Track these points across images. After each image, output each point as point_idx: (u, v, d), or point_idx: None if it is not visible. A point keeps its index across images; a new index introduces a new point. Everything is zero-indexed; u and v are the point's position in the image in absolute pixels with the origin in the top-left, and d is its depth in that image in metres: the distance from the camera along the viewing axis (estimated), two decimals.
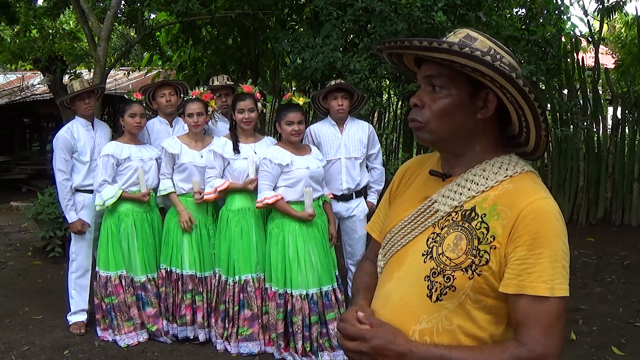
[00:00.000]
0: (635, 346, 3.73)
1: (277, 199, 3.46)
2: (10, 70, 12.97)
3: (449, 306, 1.15)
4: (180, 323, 3.75)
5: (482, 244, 1.13)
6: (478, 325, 1.14)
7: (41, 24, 7.72)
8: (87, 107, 3.97)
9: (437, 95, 1.18)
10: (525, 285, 1.09)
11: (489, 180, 1.18)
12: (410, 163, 1.43)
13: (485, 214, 1.16)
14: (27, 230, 7.13)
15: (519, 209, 1.12)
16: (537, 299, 1.08)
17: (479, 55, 1.07)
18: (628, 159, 7.25)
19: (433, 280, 1.16)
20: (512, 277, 1.10)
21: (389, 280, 1.26)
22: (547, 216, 1.11)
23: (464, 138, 1.21)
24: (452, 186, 1.22)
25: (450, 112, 1.17)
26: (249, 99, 3.64)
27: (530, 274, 1.09)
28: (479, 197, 1.18)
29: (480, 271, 1.12)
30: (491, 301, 1.14)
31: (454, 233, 1.17)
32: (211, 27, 7.40)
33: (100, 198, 3.74)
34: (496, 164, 1.20)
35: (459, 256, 1.14)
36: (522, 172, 1.19)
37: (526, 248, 1.09)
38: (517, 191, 1.15)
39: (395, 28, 4.97)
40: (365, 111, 5.09)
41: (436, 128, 1.18)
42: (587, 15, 8.11)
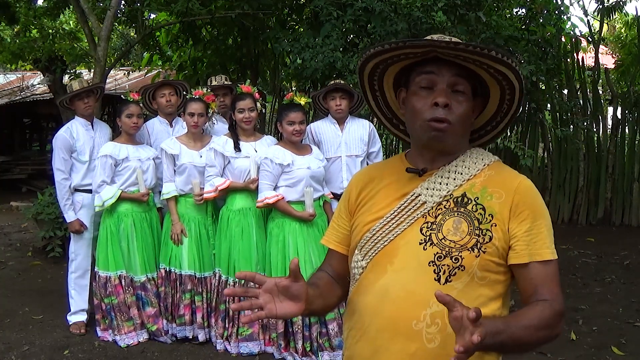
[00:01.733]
0: (635, 346, 3.73)
1: (278, 198, 3.46)
2: (10, 70, 12.97)
3: (458, 286, 1.21)
4: (179, 323, 3.74)
5: (483, 224, 1.24)
6: (483, 302, 1.21)
7: (41, 24, 7.72)
8: (87, 107, 3.97)
9: (461, 98, 1.26)
10: (534, 253, 1.22)
11: (471, 170, 1.30)
12: (364, 173, 1.47)
13: (477, 197, 1.27)
14: (27, 230, 7.13)
15: (512, 188, 1.26)
16: (545, 263, 1.23)
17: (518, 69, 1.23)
18: (628, 159, 7.25)
19: (440, 264, 1.22)
20: (523, 248, 1.22)
21: (382, 276, 1.27)
22: (535, 192, 1.28)
23: (463, 138, 1.33)
24: (435, 179, 1.30)
25: (469, 116, 1.29)
26: (248, 98, 3.64)
27: (536, 242, 1.23)
28: (466, 185, 1.29)
29: (485, 248, 1.22)
30: (493, 276, 1.24)
31: (451, 218, 1.25)
32: (211, 27, 7.39)
33: (100, 199, 3.74)
34: (472, 156, 1.32)
35: (462, 238, 1.23)
36: (494, 160, 1.33)
37: (530, 221, 1.23)
38: (501, 175, 1.30)
39: (395, 28, 4.98)
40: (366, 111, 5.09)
41: (458, 131, 1.27)
42: (587, 15, 8.12)
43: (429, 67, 1.26)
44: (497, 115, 1.35)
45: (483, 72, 1.26)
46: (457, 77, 1.24)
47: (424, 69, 1.26)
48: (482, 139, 1.41)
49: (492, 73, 1.25)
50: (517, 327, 1.15)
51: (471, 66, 1.25)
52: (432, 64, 1.25)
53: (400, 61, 1.31)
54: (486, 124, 1.38)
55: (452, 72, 1.24)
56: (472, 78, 1.27)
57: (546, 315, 1.19)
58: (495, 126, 1.38)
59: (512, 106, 1.31)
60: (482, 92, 1.31)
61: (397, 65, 1.32)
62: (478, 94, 1.31)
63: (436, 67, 1.25)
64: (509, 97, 1.29)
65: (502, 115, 1.35)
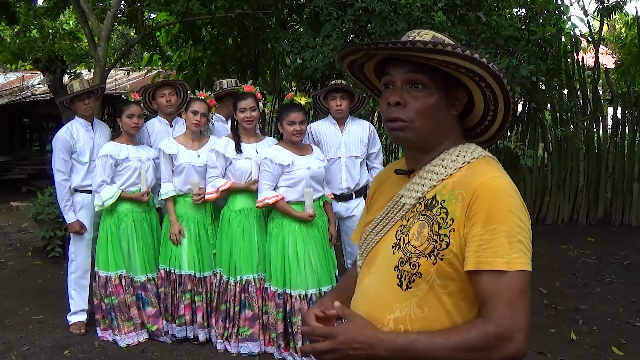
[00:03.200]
0: (635, 346, 3.73)
1: (278, 199, 3.46)
2: (10, 70, 12.97)
3: (419, 293, 1.18)
4: (178, 323, 3.75)
5: (442, 229, 1.17)
6: (448, 312, 1.17)
7: (41, 24, 7.72)
8: (87, 108, 3.97)
9: (419, 93, 1.21)
10: (482, 260, 1.11)
11: (447, 169, 1.23)
12: (382, 172, 1.50)
13: (444, 199, 1.20)
14: (27, 230, 7.13)
15: (472, 190, 1.16)
16: (497, 273, 1.10)
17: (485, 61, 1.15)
18: (628, 159, 7.24)
19: (402, 269, 1.20)
20: (471, 254, 1.13)
21: (366, 276, 1.31)
22: (499, 193, 1.14)
23: (439, 134, 1.26)
24: (415, 179, 1.28)
25: (434, 109, 1.22)
26: (250, 98, 3.64)
27: (486, 249, 1.11)
28: (439, 186, 1.23)
29: (443, 255, 1.15)
30: (457, 285, 1.16)
31: (418, 222, 1.22)
32: (211, 27, 7.39)
33: (100, 198, 3.74)
34: (454, 153, 1.25)
35: (422, 243, 1.18)
36: (479, 157, 1.24)
37: (481, 225, 1.12)
38: (472, 174, 1.20)
39: (395, 28, 4.97)
40: (366, 111, 5.09)
41: (420, 126, 1.22)
42: (587, 15, 8.11)
43: (388, 67, 1.25)
44: (488, 106, 1.27)
45: (440, 66, 1.20)
46: (413, 73, 1.20)
47: (386, 69, 1.26)
48: (482, 137, 1.34)
49: (444, 66, 1.19)
50: (427, 346, 1.10)
51: (422, 62, 1.19)
52: (390, 63, 1.24)
53: (364, 63, 1.31)
54: (482, 118, 1.31)
55: (407, 69, 1.21)
56: (438, 71, 1.21)
57: (471, 337, 1.09)
58: (493, 119, 1.29)
59: (496, 95, 1.22)
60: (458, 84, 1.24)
61: (369, 64, 1.32)
62: (461, 85, 1.24)
63: (393, 67, 1.23)
64: (484, 85, 1.21)
65: (492, 105, 1.25)
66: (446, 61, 1.16)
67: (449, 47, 1.13)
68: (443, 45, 1.13)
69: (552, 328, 4.02)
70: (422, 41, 1.14)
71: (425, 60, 1.18)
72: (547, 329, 3.99)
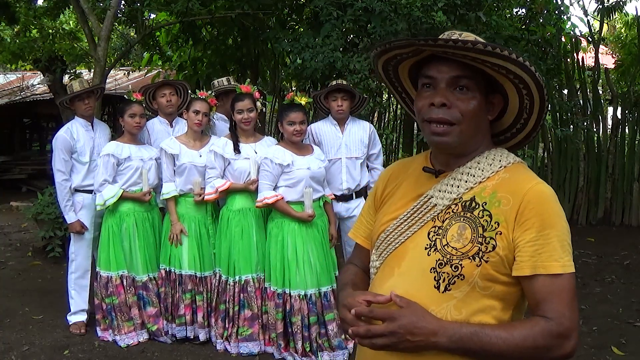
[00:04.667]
0: (635, 346, 3.73)
1: (277, 199, 3.46)
2: (10, 70, 12.96)
3: (458, 295, 1.17)
4: (178, 323, 3.75)
5: (488, 231, 1.17)
6: (486, 313, 1.17)
7: (41, 24, 7.72)
8: (87, 108, 3.97)
9: (464, 96, 1.20)
10: (538, 265, 1.14)
11: (485, 172, 1.24)
12: (392, 168, 1.46)
13: (485, 202, 1.20)
14: (27, 230, 7.13)
15: (521, 194, 1.17)
16: (553, 276, 1.13)
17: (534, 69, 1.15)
18: (628, 159, 7.25)
19: (440, 271, 1.19)
20: (526, 259, 1.14)
21: (389, 278, 1.27)
22: (549, 199, 1.18)
23: (476, 138, 1.26)
24: (447, 180, 1.26)
25: (477, 113, 1.22)
26: (247, 99, 3.64)
27: (541, 254, 1.14)
28: (477, 188, 1.23)
29: (488, 258, 1.16)
30: (499, 287, 1.17)
31: (456, 224, 1.21)
32: (211, 27, 7.39)
33: (101, 198, 3.74)
34: (489, 157, 1.26)
35: (464, 245, 1.18)
36: (514, 162, 1.26)
37: (535, 230, 1.14)
38: (514, 179, 1.22)
39: (395, 28, 4.97)
40: (365, 111, 5.08)
41: (465, 129, 1.21)
42: (587, 15, 8.13)
43: (430, 66, 1.22)
44: (521, 113, 1.27)
45: (488, 69, 1.20)
46: (459, 74, 1.19)
47: (427, 68, 1.23)
48: (511, 141, 1.33)
49: (495, 69, 1.19)
50: (492, 340, 1.10)
51: (472, 63, 1.18)
52: (433, 63, 1.22)
53: (404, 60, 1.28)
54: (513, 124, 1.30)
55: (452, 70, 1.19)
56: (482, 74, 1.21)
57: (535, 334, 1.11)
58: (523, 126, 1.29)
59: (534, 102, 1.23)
60: (499, 88, 1.24)
61: (405, 63, 1.29)
62: (497, 91, 1.24)
63: (436, 67, 1.21)
64: (525, 92, 1.21)
65: (527, 113, 1.26)
66: (498, 65, 1.15)
67: (506, 52, 1.12)
68: (501, 49, 1.12)
69: None
70: (482, 42, 1.13)
71: (475, 62, 1.17)
72: None
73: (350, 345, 3.55)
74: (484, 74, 1.21)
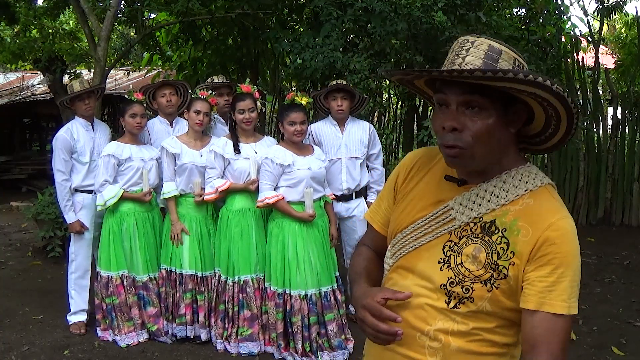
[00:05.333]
0: (635, 346, 3.73)
1: (278, 199, 3.46)
2: (10, 70, 12.96)
3: (464, 310, 1.18)
4: (179, 322, 3.74)
5: (502, 259, 1.15)
6: (490, 329, 1.19)
7: (41, 24, 7.72)
8: (87, 108, 3.97)
9: (476, 116, 1.14)
10: (545, 302, 1.12)
11: (509, 194, 1.19)
12: (418, 155, 1.38)
13: (505, 228, 1.17)
14: (27, 230, 7.12)
15: (542, 228, 1.13)
16: (555, 316, 1.11)
17: (549, 83, 1.07)
18: (628, 159, 7.25)
19: (451, 290, 1.18)
20: (534, 294, 1.13)
21: (403, 280, 1.27)
22: (569, 237, 1.14)
23: (499, 154, 1.20)
24: (470, 195, 1.22)
25: (492, 131, 1.15)
26: (248, 99, 3.64)
27: (551, 291, 1.12)
28: (499, 210, 1.19)
29: (498, 285, 1.15)
30: (506, 313, 1.18)
31: (472, 244, 1.19)
32: (211, 27, 7.39)
33: (102, 198, 3.74)
34: (516, 177, 1.20)
35: (478, 268, 1.17)
36: (541, 185, 1.20)
37: (551, 267, 1.12)
38: (538, 208, 1.17)
39: (395, 28, 4.98)
40: (365, 111, 5.08)
41: (478, 151, 1.15)
42: (587, 15, 8.13)
43: (441, 85, 1.18)
44: (549, 120, 1.19)
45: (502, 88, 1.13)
46: (468, 95, 1.13)
47: (440, 85, 1.18)
48: (541, 146, 1.26)
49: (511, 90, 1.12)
50: None
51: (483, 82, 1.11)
52: (444, 82, 1.17)
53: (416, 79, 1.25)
54: (544, 129, 1.22)
55: (462, 90, 1.13)
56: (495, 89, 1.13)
57: None
58: (555, 130, 1.20)
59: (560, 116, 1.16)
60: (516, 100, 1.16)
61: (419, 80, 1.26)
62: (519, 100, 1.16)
63: (447, 87, 1.16)
64: (550, 108, 1.14)
65: (555, 120, 1.18)
66: (506, 86, 1.10)
67: (510, 74, 1.05)
68: (504, 72, 1.05)
69: None
70: (481, 69, 1.07)
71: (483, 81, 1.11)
72: None
73: (351, 346, 3.55)
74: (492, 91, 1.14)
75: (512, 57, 1.15)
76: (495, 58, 1.13)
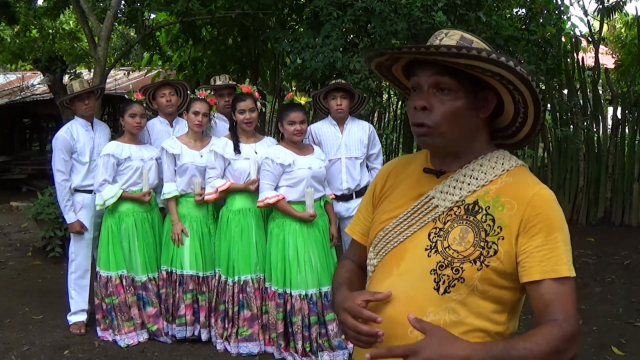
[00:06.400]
0: (635, 346, 3.73)
1: (279, 198, 3.46)
2: (10, 70, 12.97)
3: (456, 297, 1.18)
4: (178, 323, 3.74)
5: (490, 236, 1.18)
6: (483, 315, 1.18)
7: (41, 24, 7.73)
8: (87, 108, 3.97)
9: (445, 97, 1.19)
10: (548, 270, 1.14)
11: (488, 175, 1.23)
12: (392, 164, 1.44)
13: (489, 206, 1.20)
14: (27, 230, 7.13)
15: (526, 200, 1.18)
16: (560, 280, 1.14)
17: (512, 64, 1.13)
18: (628, 159, 7.25)
19: (440, 273, 1.19)
20: (535, 265, 1.15)
21: (387, 277, 1.26)
22: (553, 204, 1.19)
23: (467, 137, 1.25)
24: (449, 182, 1.25)
25: (461, 113, 1.20)
26: (249, 99, 3.64)
27: (550, 258, 1.15)
28: (480, 191, 1.23)
29: (489, 262, 1.16)
30: (497, 291, 1.18)
31: (459, 227, 1.21)
32: (211, 27, 7.40)
33: (101, 198, 3.74)
34: (492, 159, 1.25)
35: (466, 248, 1.18)
36: (516, 165, 1.25)
37: (543, 235, 1.15)
38: (518, 183, 1.22)
39: (395, 28, 4.98)
40: (365, 111, 5.08)
41: (446, 131, 1.20)
42: (587, 15, 8.12)
43: (415, 69, 1.23)
44: (518, 109, 1.24)
45: (469, 70, 1.18)
46: (438, 76, 1.18)
47: (413, 71, 1.24)
48: (512, 139, 1.32)
49: (476, 71, 1.17)
50: (521, 352, 1.09)
51: (453, 65, 1.17)
52: (417, 66, 1.22)
53: (392, 64, 1.30)
54: (513, 121, 1.28)
55: (433, 72, 1.19)
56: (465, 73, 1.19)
57: (554, 339, 1.11)
58: (524, 121, 1.26)
59: (527, 103, 1.21)
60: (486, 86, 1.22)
61: (396, 65, 1.30)
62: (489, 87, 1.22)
63: (419, 70, 1.22)
64: (517, 93, 1.20)
65: (522, 108, 1.23)
66: (471, 65, 1.15)
67: (473, 51, 1.10)
68: (467, 49, 1.10)
69: None
70: (446, 45, 1.13)
71: (451, 63, 1.17)
72: None
73: (351, 346, 3.55)
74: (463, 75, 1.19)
75: (483, 46, 1.19)
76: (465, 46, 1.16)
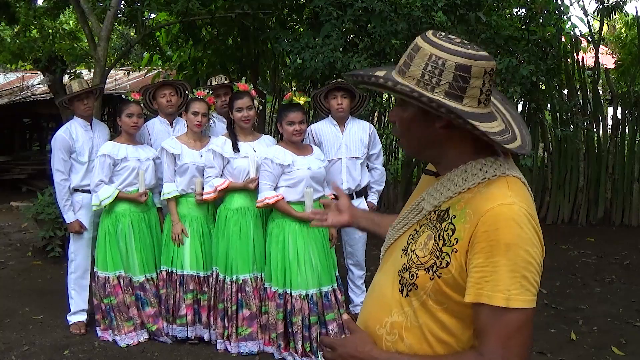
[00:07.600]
0: (635, 346, 3.73)
1: (278, 199, 3.46)
2: (10, 70, 12.96)
3: (415, 303, 1.17)
4: (179, 323, 3.74)
5: (445, 246, 1.13)
6: (443, 327, 1.15)
7: (41, 24, 7.72)
8: (86, 108, 3.97)
9: (400, 110, 1.23)
10: (481, 293, 1.07)
11: (467, 182, 1.16)
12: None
13: (455, 215, 1.15)
14: (27, 230, 7.12)
15: (480, 215, 1.09)
16: (495, 308, 1.06)
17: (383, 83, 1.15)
18: (628, 159, 7.24)
19: (402, 276, 1.20)
20: (471, 285, 1.09)
21: (378, 272, 1.34)
22: (506, 223, 1.07)
23: (432, 147, 1.22)
24: (437, 185, 1.24)
25: (409, 125, 1.22)
26: (246, 97, 3.64)
27: (487, 282, 1.06)
28: (455, 198, 1.18)
29: (440, 273, 1.12)
30: (454, 305, 1.13)
31: (427, 232, 1.19)
32: (211, 27, 7.39)
33: (97, 198, 3.74)
34: (477, 166, 1.17)
35: (424, 255, 1.16)
36: (501, 175, 1.15)
37: (484, 256, 1.07)
38: (484, 195, 1.13)
39: (395, 28, 4.98)
40: (366, 111, 5.08)
41: (405, 142, 1.27)
42: (587, 15, 8.12)
43: None
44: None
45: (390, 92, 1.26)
46: (394, 92, 1.19)
47: None
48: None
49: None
50: None
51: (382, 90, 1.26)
52: None
53: None
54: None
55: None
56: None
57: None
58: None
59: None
60: None
61: None
62: None
63: None
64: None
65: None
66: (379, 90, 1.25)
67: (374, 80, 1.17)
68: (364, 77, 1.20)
69: (552, 328, 4.02)
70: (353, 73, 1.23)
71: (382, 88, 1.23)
72: (547, 329, 3.99)
73: None
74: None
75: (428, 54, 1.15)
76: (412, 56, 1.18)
